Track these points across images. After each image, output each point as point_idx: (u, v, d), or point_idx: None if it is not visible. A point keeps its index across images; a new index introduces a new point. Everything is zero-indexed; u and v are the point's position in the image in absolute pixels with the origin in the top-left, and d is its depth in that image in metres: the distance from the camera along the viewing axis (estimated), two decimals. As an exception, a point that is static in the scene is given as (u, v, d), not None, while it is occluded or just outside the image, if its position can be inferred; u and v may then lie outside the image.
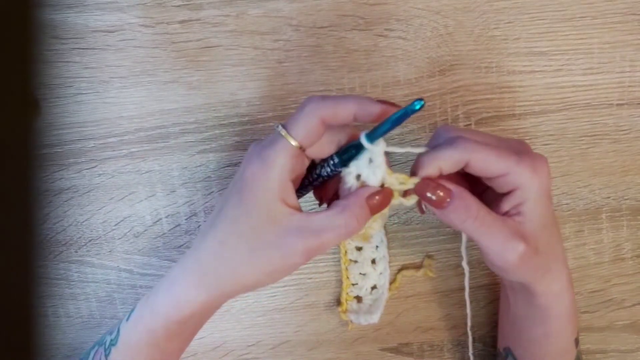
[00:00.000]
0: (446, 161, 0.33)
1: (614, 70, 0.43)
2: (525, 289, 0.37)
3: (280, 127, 0.33)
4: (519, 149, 0.34)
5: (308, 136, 0.32)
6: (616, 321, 0.47)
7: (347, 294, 0.44)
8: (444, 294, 0.46)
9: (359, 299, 0.44)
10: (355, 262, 0.44)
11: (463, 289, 0.44)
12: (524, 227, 0.34)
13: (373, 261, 0.44)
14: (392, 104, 0.33)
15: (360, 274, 0.44)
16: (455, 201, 0.33)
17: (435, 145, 0.34)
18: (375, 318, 0.43)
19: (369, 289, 0.44)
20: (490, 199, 0.35)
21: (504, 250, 0.33)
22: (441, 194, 0.33)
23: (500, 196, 0.34)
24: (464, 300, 0.46)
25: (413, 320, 0.46)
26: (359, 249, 0.44)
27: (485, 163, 0.33)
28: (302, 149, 0.32)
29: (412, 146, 0.35)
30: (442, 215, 0.34)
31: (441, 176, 0.33)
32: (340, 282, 0.45)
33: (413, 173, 0.34)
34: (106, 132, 0.42)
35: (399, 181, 0.33)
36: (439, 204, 0.33)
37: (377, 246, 0.44)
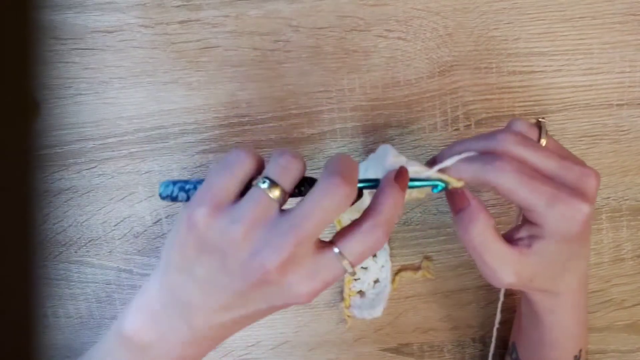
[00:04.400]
0: (468, 176, 0.32)
1: (614, 70, 0.43)
2: (526, 296, 0.38)
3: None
4: (567, 180, 0.32)
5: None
6: (616, 321, 0.47)
7: (349, 289, 0.44)
8: (443, 295, 0.46)
9: (361, 293, 0.44)
10: None
11: (462, 289, 0.44)
12: (527, 259, 0.33)
13: (374, 255, 0.44)
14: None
15: (362, 267, 0.44)
16: (462, 214, 0.33)
17: (482, 141, 0.33)
18: (378, 312, 0.43)
19: (372, 283, 0.44)
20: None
21: (492, 277, 0.34)
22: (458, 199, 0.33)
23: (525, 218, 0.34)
24: (464, 301, 0.46)
25: (413, 321, 0.46)
26: None
27: (513, 195, 0.32)
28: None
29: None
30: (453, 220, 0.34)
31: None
32: (341, 281, 0.45)
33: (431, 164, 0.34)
34: (106, 132, 0.42)
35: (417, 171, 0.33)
36: (456, 206, 0.33)
37: None
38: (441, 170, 0.33)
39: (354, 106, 0.42)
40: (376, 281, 0.44)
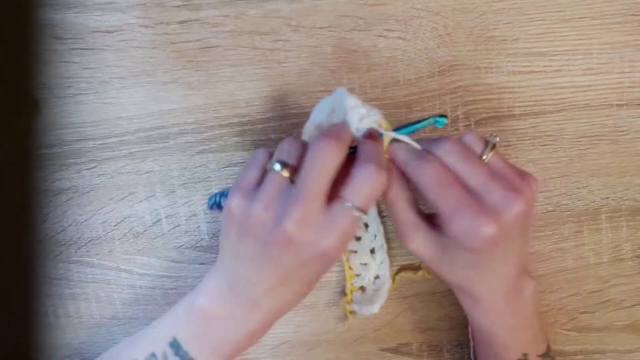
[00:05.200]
0: (398, 161, 0.36)
1: (613, 70, 0.43)
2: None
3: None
4: (486, 197, 0.33)
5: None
6: (615, 321, 0.47)
7: (351, 284, 0.44)
8: (442, 295, 0.46)
9: (363, 289, 0.45)
10: (355, 252, 0.44)
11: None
12: (435, 241, 0.36)
13: (372, 251, 0.44)
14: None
15: (362, 264, 0.44)
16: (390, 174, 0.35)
17: (431, 141, 0.35)
18: (376, 308, 0.44)
19: (372, 279, 0.44)
20: None
21: (400, 237, 0.37)
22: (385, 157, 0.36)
23: None
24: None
25: (412, 321, 0.46)
26: (358, 238, 0.44)
27: (424, 195, 0.34)
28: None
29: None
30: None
31: None
32: (340, 281, 0.45)
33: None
34: (106, 132, 0.42)
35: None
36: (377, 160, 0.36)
37: (375, 235, 0.44)
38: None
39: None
40: (376, 277, 0.44)
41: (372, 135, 0.35)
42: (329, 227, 0.32)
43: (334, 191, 0.33)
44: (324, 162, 0.32)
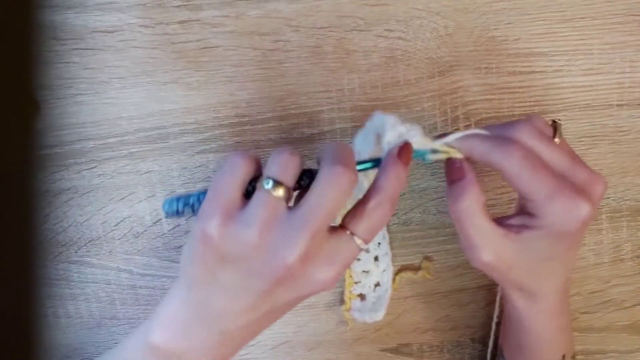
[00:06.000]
0: (477, 154, 0.33)
1: (614, 71, 0.43)
2: (504, 292, 0.38)
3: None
4: (574, 180, 0.32)
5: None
6: (615, 322, 0.47)
7: (350, 292, 0.44)
8: (442, 295, 0.46)
9: (362, 296, 0.44)
10: (358, 260, 0.43)
11: (462, 290, 0.44)
12: (510, 244, 0.34)
13: (376, 258, 0.44)
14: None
15: (364, 271, 0.44)
16: (455, 186, 0.33)
17: (499, 127, 0.34)
18: (379, 315, 0.43)
19: (372, 287, 0.44)
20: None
21: (471, 252, 0.34)
22: (456, 169, 0.34)
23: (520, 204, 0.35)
24: (463, 301, 0.46)
25: (412, 321, 0.46)
26: None
27: (516, 180, 0.32)
28: None
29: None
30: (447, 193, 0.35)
31: None
32: (340, 282, 0.45)
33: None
34: (106, 132, 0.42)
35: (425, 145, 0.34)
36: (451, 176, 0.34)
37: (379, 243, 0.44)
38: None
39: (354, 106, 0.42)
40: (377, 285, 0.44)
41: (405, 152, 0.32)
42: (331, 261, 0.30)
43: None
44: (337, 193, 0.29)
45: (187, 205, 0.32)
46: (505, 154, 0.32)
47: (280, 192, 0.29)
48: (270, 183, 0.29)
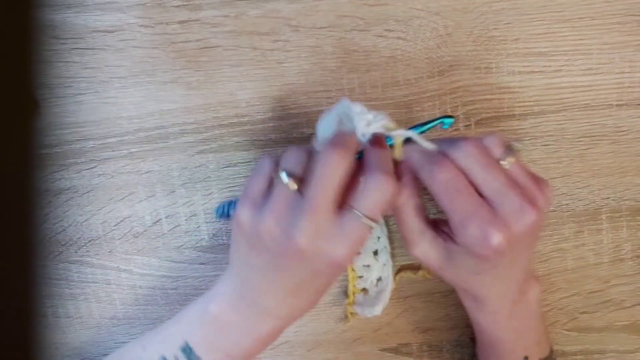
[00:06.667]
0: (412, 163, 0.35)
1: (613, 71, 0.43)
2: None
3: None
4: (501, 206, 0.32)
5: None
6: (615, 322, 0.47)
7: (354, 286, 0.44)
8: (442, 295, 0.46)
9: (365, 291, 0.45)
10: (358, 254, 0.44)
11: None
12: (439, 248, 0.36)
13: (375, 252, 0.44)
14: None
15: (364, 265, 0.44)
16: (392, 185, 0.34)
17: (448, 142, 0.35)
18: (377, 310, 0.44)
19: (375, 281, 0.44)
20: None
21: (406, 245, 0.37)
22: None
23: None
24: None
25: (412, 321, 0.46)
26: None
27: (436, 200, 0.34)
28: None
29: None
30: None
31: None
32: (341, 281, 0.45)
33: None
34: (106, 132, 0.42)
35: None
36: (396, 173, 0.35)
37: (378, 237, 0.44)
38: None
39: (353, 106, 0.42)
40: (379, 279, 0.44)
41: (379, 141, 0.35)
42: (340, 236, 0.32)
43: (343, 199, 0.33)
44: (332, 172, 0.32)
45: (232, 206, 0.39)
46: (430, 172, 0.33)
47: (291, 182, 0.33)
48: (283, 175, 0.33)
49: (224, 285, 0.37)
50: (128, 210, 0.43)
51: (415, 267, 0.45)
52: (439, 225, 0.37)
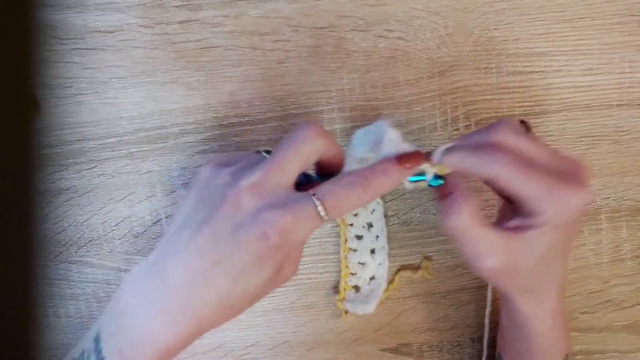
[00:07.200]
0: (465, 169, 0.32)
1: (614, 71, 0.43)
2: (507, 299, 0.37)
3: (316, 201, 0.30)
4: (562, 170, 0.32)
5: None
6: (615, 322, 0.47)
7: (345, 282, 0.44)
8: (442, 295, 0.46)
9: (357, 288, 0.44)
10: (355, 250, 0.44)
11: (461, 290, 0.44)
12: (516, 246, 0.33)
13: (372, 251, 0.44)
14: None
15: (359, 263, 0.44)
16: (446, 201, 0.33)
17: (479, 134, 0.33)
18: (370, 308, 0.43)
19: (368, 279, 0.44)
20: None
21: (476, 260, 0.33)
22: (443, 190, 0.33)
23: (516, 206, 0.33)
24: (463, 301, 0.46)
25: (412, 321, 0.46)
26: (359, 237, 0.44)
27: (510, 185, 0.32)
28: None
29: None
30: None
31: None
32: (339, 281, 0.45)
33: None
34: (106, 132, 0.42)
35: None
36: (440, 192, 0.34)
37: (377, 236, 0.44)
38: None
39: (354, 106, 0.42)
40: (372, 278, 0.44)
41: (405, 157, 0.32)
42: (283, 207, 0.29)
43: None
44: (300, 143, 0.31)
45: None
46: (490, 162, 0.31)
47: (264, 152, 0.32)
48: (264, 151, 0.33)
49: (144, 259, 0.32)
50: (128, 210, 0.43)
51: (415, 267, 0.45)
52: (501, 224, 0.34)
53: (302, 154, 0.31)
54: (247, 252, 0.29)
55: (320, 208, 0.30)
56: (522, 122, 0.35)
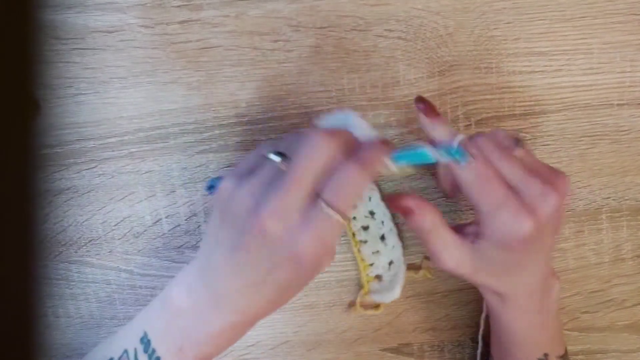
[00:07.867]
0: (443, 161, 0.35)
1: (614, 70, 0.43)
2: (481, 292, 0.40)
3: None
4: (528, 192, 0.33)
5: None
6: (616, 321, 0.47)
7: (366, 275, 0.44)
8: (442, 295, 0.46)
9: (379, 277, 0.44)
10: (365, 242, 0.43)
11: (461, 289, 0.44)
12: (469, 252, 0.36)
13: (382, 237, 0.43)
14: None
15: (373, 253, 0.44)
16: (413, 216, 0.35)
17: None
18: (396, 293, 0.43)
19: (387, 266, 0.44)
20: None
21: (436, 260, 0.36)
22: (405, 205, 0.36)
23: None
24: (463, 301, 0.46)
25: (412, 321, 0.46)
26: (366, 228, 0.43)
27: (467, 190, 0.34)
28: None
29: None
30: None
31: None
32: (340, 281, 0.45)
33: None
34: (106, 132, 0.42)
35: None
36: (405, 214, 0.36)
37: (382, 221, 0.43)
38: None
39: (353, 106, 0.42)
40: (391, 263, 0.44)
41: (382, 143, 0.33)
42: (303, 226, 0.30)
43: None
44: (313, 154, 0.31)
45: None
46: (459, 166, 0.34)
47: (276, 157, 0.32)
48: (272, 154, 0.32)
49: (190, 265, 0.34)
50: (128, 210, 0.43)
51: (416, 267, 0.45)
52: (462, 229, 0.37)
53: (316, 166, 0.31)
54: (285, 279, 0.31)
55: (332, 213, 0.30)
56: (516, 136, 0.36)
